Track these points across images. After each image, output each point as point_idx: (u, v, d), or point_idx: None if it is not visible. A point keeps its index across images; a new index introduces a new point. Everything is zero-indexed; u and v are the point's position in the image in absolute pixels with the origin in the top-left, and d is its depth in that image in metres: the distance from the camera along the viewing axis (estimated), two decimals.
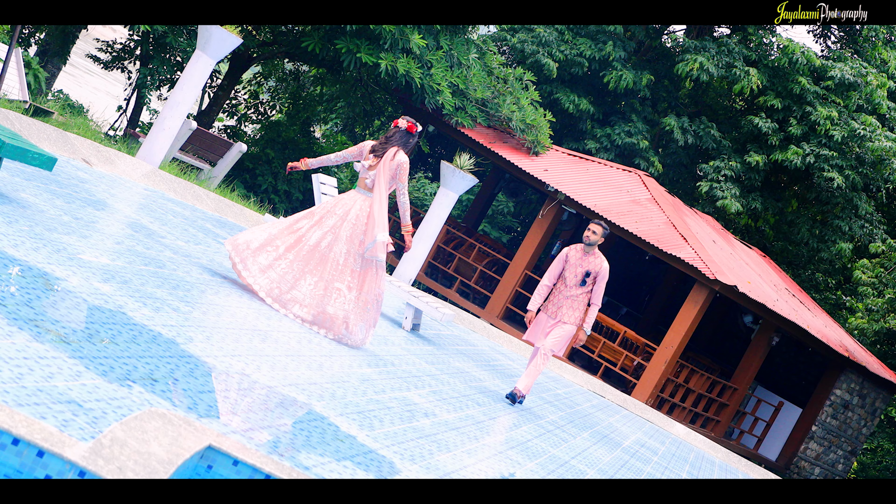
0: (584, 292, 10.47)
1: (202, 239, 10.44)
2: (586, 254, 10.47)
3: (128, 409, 4.58)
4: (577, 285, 10.44)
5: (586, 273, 10.40)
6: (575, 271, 10.46)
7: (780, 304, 21.87)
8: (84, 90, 37.19)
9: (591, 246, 10.44)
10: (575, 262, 10.49)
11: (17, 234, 6.57)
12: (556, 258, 10.70)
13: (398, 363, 9.53)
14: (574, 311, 10.49)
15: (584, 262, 10.45)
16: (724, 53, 26.63)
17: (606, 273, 10.54)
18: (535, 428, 10.03)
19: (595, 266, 10.43)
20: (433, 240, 17.49)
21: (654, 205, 22.00)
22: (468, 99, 20.48)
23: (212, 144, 18.68)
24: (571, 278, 10.47)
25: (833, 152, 26.00)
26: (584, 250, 10.49)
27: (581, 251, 10.50)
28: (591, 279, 10.43)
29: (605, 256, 11.32)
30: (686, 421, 21.74)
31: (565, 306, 10.49)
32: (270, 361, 6.81)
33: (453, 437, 7.55)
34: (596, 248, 10.51)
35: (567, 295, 10.48)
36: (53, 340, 4.94)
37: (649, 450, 13.66)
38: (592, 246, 10.44)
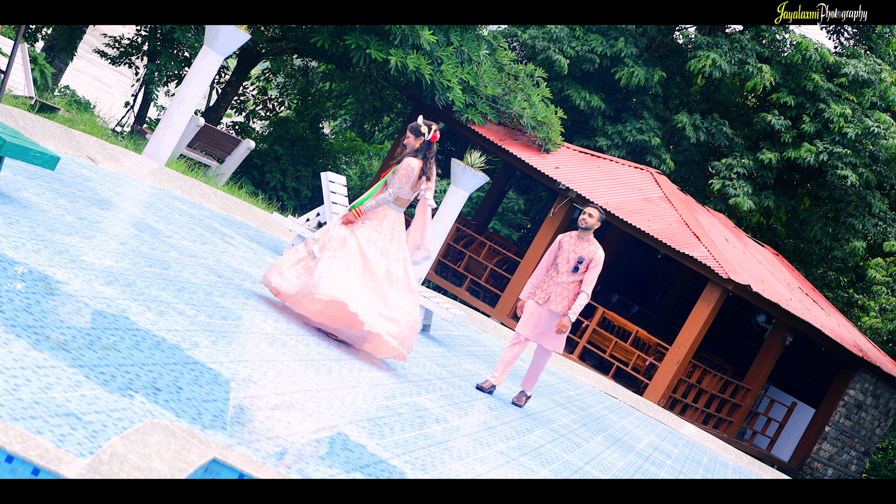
0: (575, 280, 9.91)
1: (209, 238, 10.26)
2: (581, 239, 9.94)
3: (129, 420, 4.39)
4: (569, 272, 9.88)
5: (579, 260, 9.86)
6: (567, 257, 9.92)
7: (794, 303, 21.64)
8: (93, 86, 37.07)
9: (585, 231, 9.91)
10: (568, 249, 9.95)
11: (18, 235, 6.38)
12: (551, 246, 10.22)
13: (409, 366, 9.34)
14: (564, 299, 9.90)
15: (578, 247, 9.92)
16: (737, 50, 26.39)
17: (600, 261, 9.97)
18: (548, 432, 9.83)
19: (589, 252, 9.88)
20: (443, 238, 17.29)
21: (667, 203, 21.77)
22: (479, 96, 20.27)
23: (220, 141, 18.51)
24: (564, 265, 9.92)
25: (847, 150, 25.75)
26: (578, 236, 9.97)
27: (575, 237, 9.98)
28: (584, 266, 9.88)
29: (618, 254, 10.96)
30: (699, 422, 21.53)
31: (554, 293, 9.92)
32: (278, 367, 6.62)
33: (465, 443, 7.36)
34: (591, 235, 9.99)
35: (558, 282, 9.91)
36: (52, 348, 4.75)
37: (663, 453, 13.45)
38: (588, 231, 9.92)
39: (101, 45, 27.14)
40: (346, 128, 31.24)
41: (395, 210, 8.63)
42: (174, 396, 5.00)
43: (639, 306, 27.83)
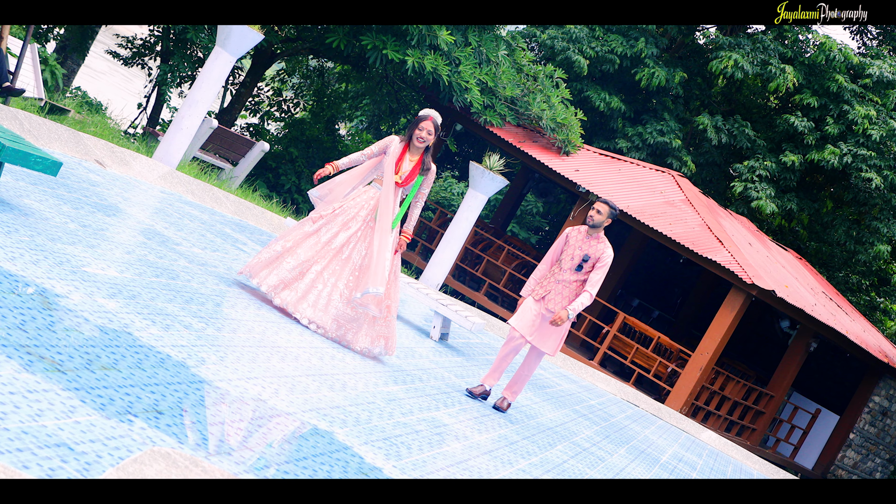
0: (577, 280, 9.13)
1: (220, 245, 9.92)
2: (589, 236, 9.17)
3: (126, 449, 4.06)
4: (573, 270, 9.10)
5: (584, 258, 9.08)
6: (572, 253, 9.14)
7: (818, 308, 21.21)
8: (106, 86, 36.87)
9: (595, 228, 9.14)
10: (574, 244, 9.18)
11: (16, 245, 6.05)
12: (557, 239, 9.44)
13: (426, 378, 9.00)
14: (563, 298, 9.13)
15: (585, 244, 9.14)
16: (760, 50, 25.96)
17: (608, 261, 9.20)
18: (571, 447, 9.48)
19: (596, 251, 9.10)
20: (461, 243, 16.93)
21: (689, 206, 21.37)
22: (497, 97, 19.91)
23: (233, 143, 18.20)
24: (567, 261, 9.14)
25: (871, 152, 25.29)
26: (587, 232, 9.19)
27: (584, 233, 9.20)
28: (590, 265, 9.09)
29: (638, 258, 10.39)
30: (721, 429, 21.12)
31: (553, 291, 9.17)
32: (290, 383, 6.28)
33: (486, 462, 7.01)
34: (601, 232, 9.23)
35: (559, 279, 9.15)
36: (46, 370, 4.42)
37: (687, 464, 13.08)
38: (597, 228, 9.16)
39: (114, 45, 26.90)
40: (363, 129, 30.91)
41: (373, 188, 8.50)
42: (177, 420, 4.67)
43: (659, 311, 27.41)
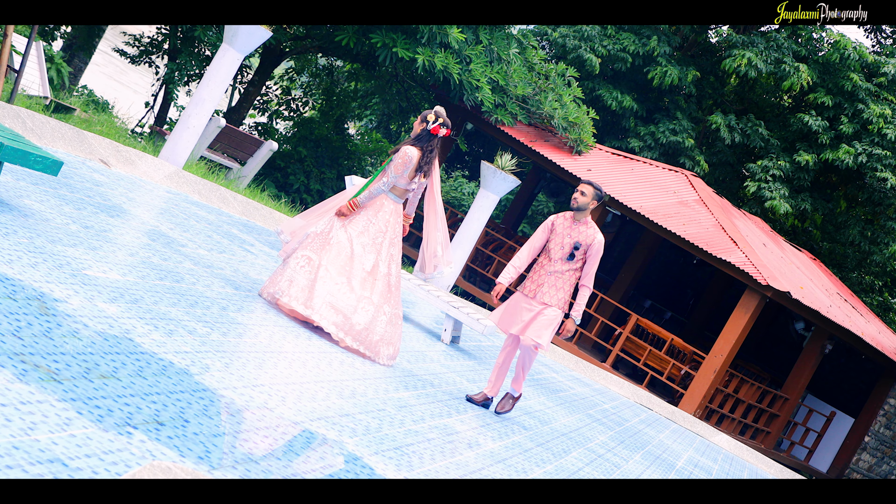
0: (571, 269, 8.60)
1: (227, 246, 9.71)
2: (576, 222, 8.62)
3: (125, 464, 3.84)
4: (564, 260, 8.58)
5: (575, 246, 8.55)
6: (561, 242, 8.60)
7: (834, 309, 20.93)
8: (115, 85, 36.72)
9: (581, 212, 8.61)
10: (562, 232, 8.64)
11: (14, 247, 5.84)
12: (540, 226, 8.87)
13: (437, 383, 8.78)
14: (557, 290, 8.61)
15: (574, 231, 8.60)
16: (773, 49, 25.68)
17: (601, 247, 8.63)
18: (585, 453, 9.25)
19: (586, 238, 8.56)
20: (472, 244, 16.70)
21: (702, 206, 21.11)
22: (508, 95, 19.67)
23: (241, 142, 18.00)
24: (557, 251, 8.60)
25: (886, 151, 25.00)
26: (573, 217, 8.65)
27: (570, 219, 8.66)
28: (582, 253, 8.56)
29: (651, 258, 9.95)
30: (735, 432, 20.85)
31: (547, 284, 8.61)
32: (297, 390, 6.06)
33: (499, 471, 6.79)
34: (588, 217, 8.70)
35: (550, 271, 8.61)
36: (41, 379, 4.20)
37: (702, 469, 12.83)
38: (583, 212, 8.62)
39: (121, 43, 26.72)
40: (372, 128, 30.70)
41: (392, 200, 8.20)
42: (179, 432, 4.45)
43: (672, 312, 27.14)
